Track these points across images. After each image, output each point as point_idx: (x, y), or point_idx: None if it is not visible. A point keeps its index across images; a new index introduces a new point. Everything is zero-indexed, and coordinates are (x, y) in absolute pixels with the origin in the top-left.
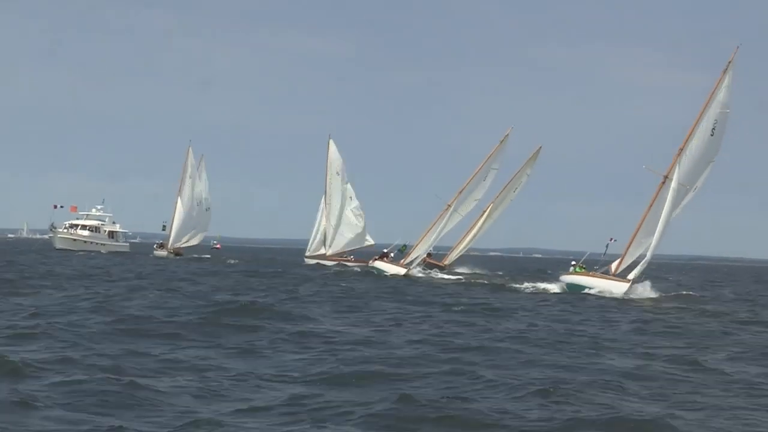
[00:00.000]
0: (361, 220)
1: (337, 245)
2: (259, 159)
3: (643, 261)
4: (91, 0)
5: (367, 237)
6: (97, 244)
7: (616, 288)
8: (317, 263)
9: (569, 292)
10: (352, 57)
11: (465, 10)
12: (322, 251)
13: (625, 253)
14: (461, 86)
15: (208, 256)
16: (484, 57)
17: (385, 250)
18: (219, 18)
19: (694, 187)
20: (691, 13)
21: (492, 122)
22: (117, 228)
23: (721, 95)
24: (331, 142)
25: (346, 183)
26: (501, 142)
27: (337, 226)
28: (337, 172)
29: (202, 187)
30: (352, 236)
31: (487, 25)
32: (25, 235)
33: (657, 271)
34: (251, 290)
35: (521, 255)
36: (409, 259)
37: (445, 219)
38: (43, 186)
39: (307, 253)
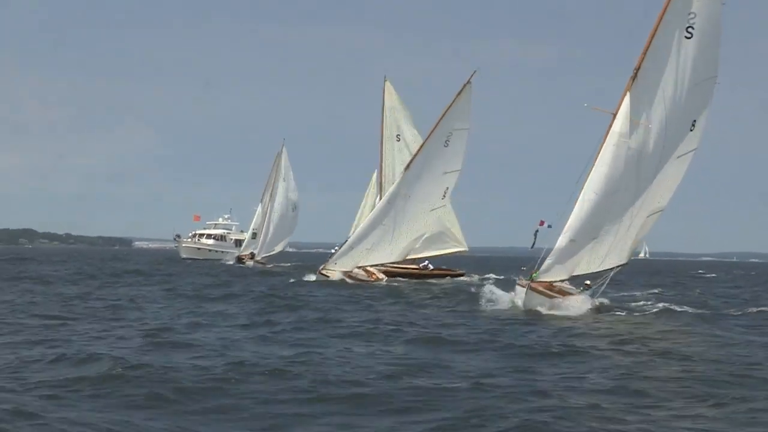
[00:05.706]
0: None
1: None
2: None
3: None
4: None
5: None
6: (222, 252)
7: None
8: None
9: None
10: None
11: None
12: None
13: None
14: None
15: (288, 264)
16: None
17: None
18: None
19: (691, 122)
20: None
21: None
22: (244, 236)
23: None
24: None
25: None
26: (459, 93)
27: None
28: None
29: (291, 188)
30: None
31: None
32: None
33: None
34: None
35: (735, 260)
36: (334, 264)
37: (380, 205)
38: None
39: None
